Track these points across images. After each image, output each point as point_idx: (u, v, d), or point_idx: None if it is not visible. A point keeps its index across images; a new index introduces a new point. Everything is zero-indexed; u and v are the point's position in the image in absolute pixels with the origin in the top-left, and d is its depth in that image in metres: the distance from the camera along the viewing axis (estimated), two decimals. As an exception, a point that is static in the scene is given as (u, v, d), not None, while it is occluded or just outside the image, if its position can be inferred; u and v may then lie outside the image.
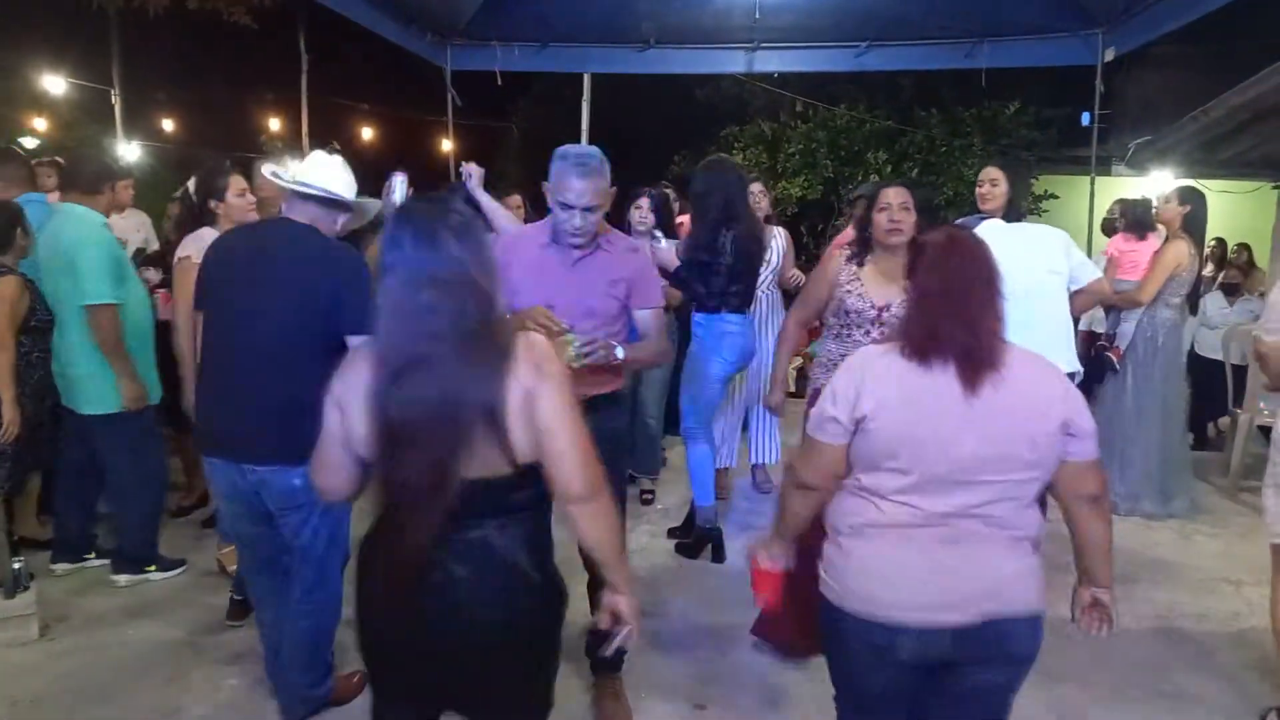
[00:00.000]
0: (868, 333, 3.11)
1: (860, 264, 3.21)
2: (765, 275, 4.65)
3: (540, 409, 1.60)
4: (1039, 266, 3.57)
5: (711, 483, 4.18)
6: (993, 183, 3.91)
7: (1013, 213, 3.96)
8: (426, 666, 1.72)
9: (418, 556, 1.61)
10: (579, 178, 2.46)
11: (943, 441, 1.72)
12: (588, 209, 2.49)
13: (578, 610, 3.23)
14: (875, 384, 1.77)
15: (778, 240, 4.89)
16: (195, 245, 3.34)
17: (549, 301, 2.58)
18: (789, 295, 4.82)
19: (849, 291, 3.16)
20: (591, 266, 2.62)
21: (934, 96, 11.13)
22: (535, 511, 1.73)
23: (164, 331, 3.74)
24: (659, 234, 4.48)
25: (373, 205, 2.81)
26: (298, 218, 2.59)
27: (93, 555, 3.90)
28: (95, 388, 3.55)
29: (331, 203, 2.60)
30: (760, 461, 5.19)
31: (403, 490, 1.62)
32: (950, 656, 1.75)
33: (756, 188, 4.74)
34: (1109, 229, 6.45)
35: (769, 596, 2.09)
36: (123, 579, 3.74)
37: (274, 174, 2.66)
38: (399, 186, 3.31)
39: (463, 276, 1.58)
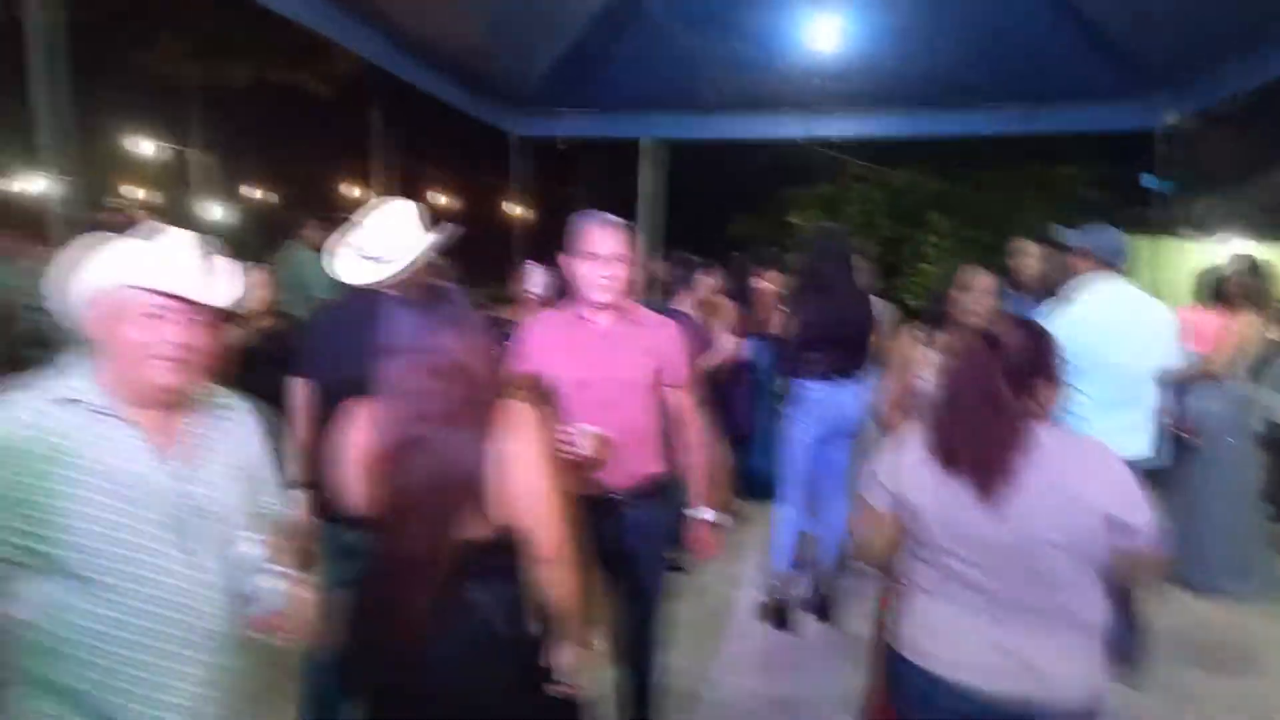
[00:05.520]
0: None
1: (931, 342, 3.16)
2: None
3: (515, 473, 1.73)
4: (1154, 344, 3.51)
5: (787, 548, 4.10)
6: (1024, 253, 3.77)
7: (1046, 289, 3.91)
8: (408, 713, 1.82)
9: (417, 618, 1.73)
10: (601, 226, 2.49)
11: (971, 533, 1.81)
12: (615, 257, 2.46)
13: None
14: (910, 471, 1.90)
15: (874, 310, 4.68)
16: None
17: (583, 378, 2.50)
18: None
19: (920, 378, 3.13)
20: (622, 338, 2.56)
21: (994, 156, 11.11)
22: (511, 570, 1.82)
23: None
24: None
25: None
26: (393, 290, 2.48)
27: None
28: None
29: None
30: None
31: (402, 553, 1.75)
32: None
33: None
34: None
35: None
36: None
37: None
38: (534, 274, 3.50)
39: (453, 364, 1.75)
